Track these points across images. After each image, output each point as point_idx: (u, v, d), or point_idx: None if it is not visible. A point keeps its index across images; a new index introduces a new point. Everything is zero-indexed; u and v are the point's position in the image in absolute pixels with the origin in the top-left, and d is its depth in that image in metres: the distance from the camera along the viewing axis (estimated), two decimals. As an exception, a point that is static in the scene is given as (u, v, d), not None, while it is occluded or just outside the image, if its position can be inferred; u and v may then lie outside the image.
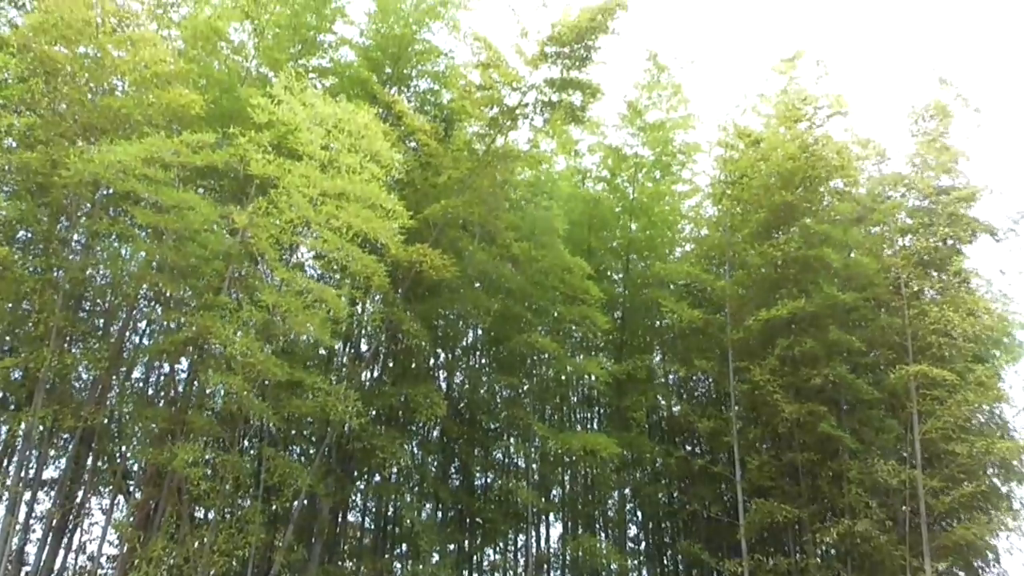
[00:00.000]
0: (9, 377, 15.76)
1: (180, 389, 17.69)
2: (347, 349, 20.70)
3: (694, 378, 24.36)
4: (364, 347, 20.88)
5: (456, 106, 20.25)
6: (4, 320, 16.09)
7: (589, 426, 24.25)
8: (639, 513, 24.37)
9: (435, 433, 22.70)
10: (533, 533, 22.30)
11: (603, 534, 23.25)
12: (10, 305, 15.85)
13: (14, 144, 15.86)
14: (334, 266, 17.73)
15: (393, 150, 15.71)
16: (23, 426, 15.32)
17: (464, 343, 23.83)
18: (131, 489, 17.84)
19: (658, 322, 24.10)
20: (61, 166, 14.48)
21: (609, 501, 24.03)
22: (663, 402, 24.43)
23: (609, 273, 23.92)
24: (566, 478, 23.69)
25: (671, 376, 24.68)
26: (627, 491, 23.83)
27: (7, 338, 16.69)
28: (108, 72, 16.05)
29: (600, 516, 23.74)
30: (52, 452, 17.27)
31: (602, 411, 24.70)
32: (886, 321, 19.86)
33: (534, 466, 21.68)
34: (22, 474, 15.33)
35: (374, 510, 21.94)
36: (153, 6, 17.93)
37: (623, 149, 23.61)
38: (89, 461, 17.32)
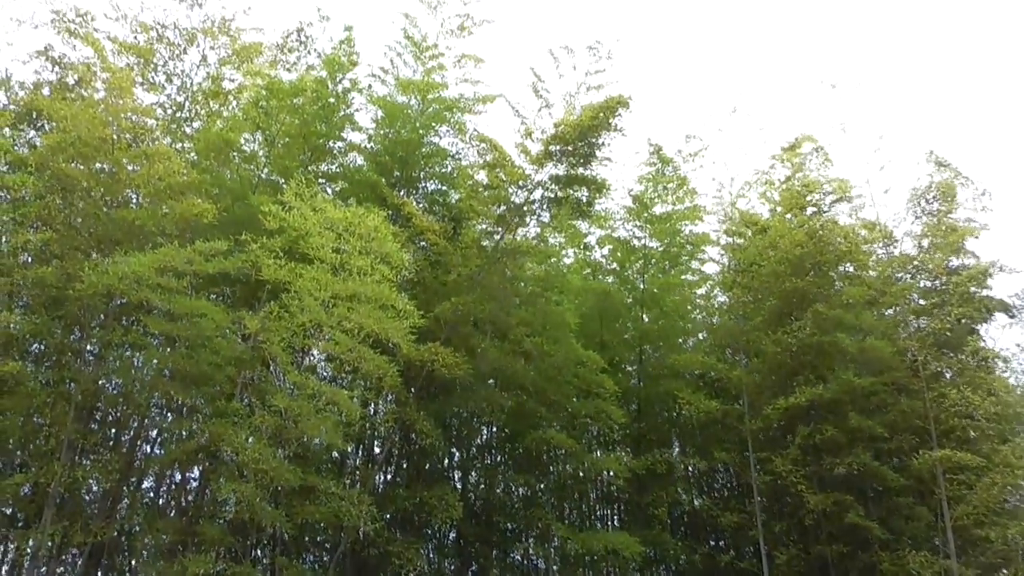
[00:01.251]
0: (19, 493, 15.55)
1: (191, 498, 17.42)
2: (360, 452, 20.42)
3: (715, 471, 23.86)
4: (377, 449, 20.60)
5: (464, 205, 20.53)
6: (15, 435, 15.97)
7: (609, 524, 23.61)
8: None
9: (451, 536, 22.12)
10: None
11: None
12: (21, 419, 15.75)
13: (30, 259, 16.09)
14: (346, 367, 17.66)
15: (403, 251, 15.88)
16: (31, 544, 15.02)
17: (479, 441, 23.49)
18: (141, 605, 17.33)
19: (675, 414, 23.77)
20: (76, 279, 14.64)
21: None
22: (684, 497, 23.85)
23: (623, 365, 23.73)
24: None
25: (691, 469, 24.14)
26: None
27: (18, 453, 16.54)
28: (123, 186, 16.41)
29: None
30: (60, 569, 16.86)
31: (622, 508, 24.09)
32: (907, 405, 19.51)
33: (554, 568, 21.02)
34: (30, 594, 14.93)
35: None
36: (167, 121, 18.51)
37: (632, 241, 23.81)
38: (99, 577, 16.91)
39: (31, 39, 18.29)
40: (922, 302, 20.62)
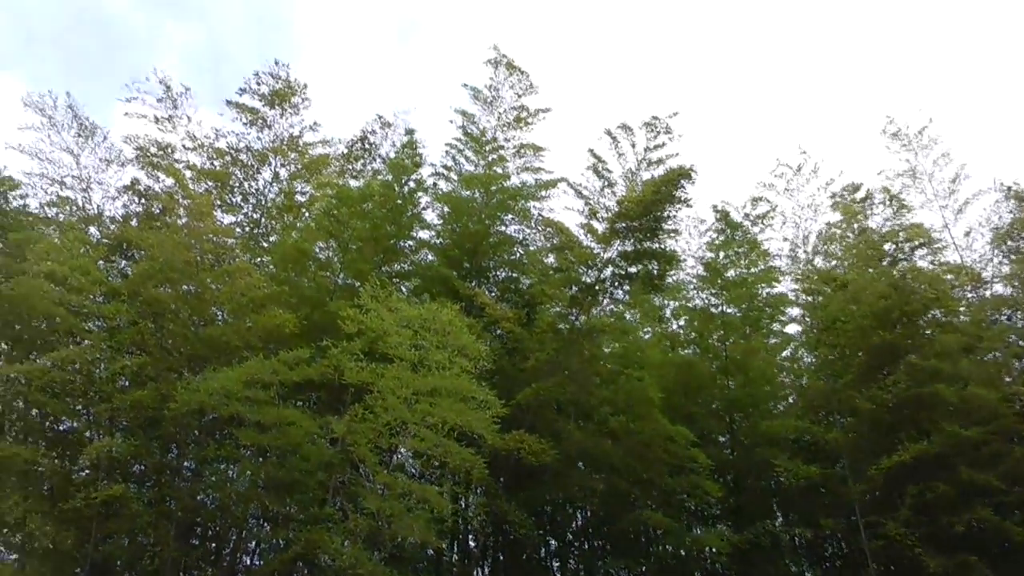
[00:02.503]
0: (127, 614, 15.86)
1: (293, 608, 17.42)
2: (455, 548, 20.21)
3: (823, 539, 22.75)
4: (472, 543, 20.36)
5: (535, 290, 20.68)
6: (123, 557, 16.39)
7: (719, 603, 22.63)
8: None
9: (556, 627, 21.53)
10: None
11: None
12: (126, 540, 16.19)
13: (127, 383, 16.78)
14: (434, 463, 17.68)
15: (479, 341, 15.98)
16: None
17: (573, 527, 22.99)
18: None
19: (773, 482, 22.90)
20: (170, 399, 15.21)
21: None
22: (793, 569, 22.73)
23: (713, 436, 23.11)
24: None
25: (797, 539, 23.09)
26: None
27: (126, 575, 16.93)
28: (208, 304, 17.14)
29: None
30: None
31: (730, 585, 23.11)
32: (1021, 453, 18.41)
33: (665, 654, 20.19)
34: None
35: None
36: (245, 238, 19.35)
37: (708, 309, 23.50)
38: None
39: (119, 176, 19.51)
40: (1022, 343, 19.67)
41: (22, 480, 16.32)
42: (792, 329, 24.04)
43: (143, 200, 19.76)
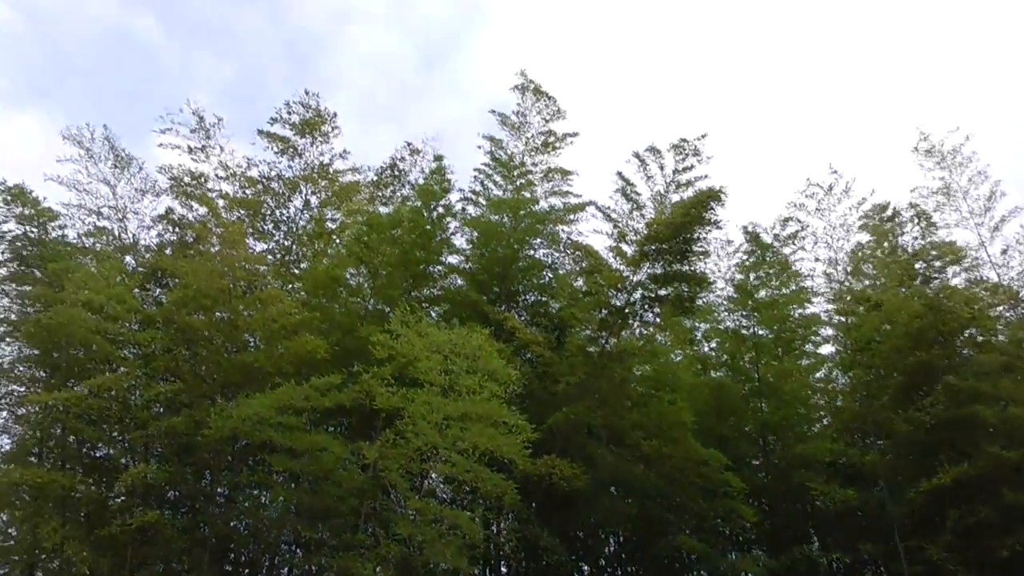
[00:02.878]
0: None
1: (325, 636, 17.38)
2: (487, 574, 20.08)
3: (862, 563, 22.29)
4: (504, 570, 20.24)
5: (565, 314, 20.65)
6: (156, 582, 16.50)
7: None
8: None
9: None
10: None
11: None
12: (161, 566, 16.30)
13: (162, 410, 16.97)
14: (465, 488, 17.64)
15: (509, 366, 15.97)
16: None
17: (607, 552, 22.76)
18: None
19: (809, 506, 22.52)
20: (203, 425, 15.35)
21: None
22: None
23: (747, 460, 22.79)
24: None
25: (835, 564, 22.63)
26: None
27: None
28: (241, 331, 17.32)
29: None
30: None
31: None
32: (1066, 476, 17.97)
33: None
34: None
35: None
36: (277, 265, 19.55)
37: (740, 331, 23.29)
38: None
39: (154, 205, 19.89)
40: (1064, 362, 19.25)
41: (60, 506, 16.54)
42: (826, 350, 23.78)
43: (177, 229, 20.08)
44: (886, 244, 22.75)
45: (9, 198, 18.28)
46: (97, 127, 19.90)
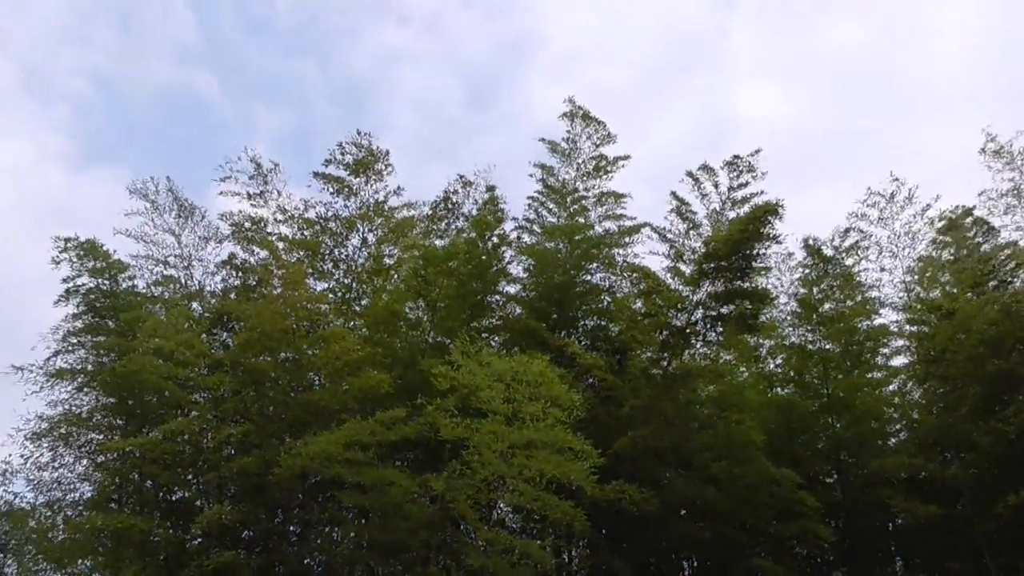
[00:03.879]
0: None
1: (403, 670, 17.36)
2: (561, 603, 19.86)
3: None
4: (577, 598, 19.97)
5: (625, 337, 20.50)
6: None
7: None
8: None
9: None
10: None
11: None
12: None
13: (233, 451, 17.29)
14: (534, 517, 17.53)
15: (571, 391, 15.87)
16: None
17: (682, 578, 22.33)
18: None
19: (890, 524, 21.78)
20: (273, 464, 15.58)
21: None
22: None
23: (821, 478, 22.23)
24: None
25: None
26: None
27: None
28: (306, 370, 17.60)
29: None
30: None
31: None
32: None
33: None
34: None
35: None
36: (338, 303, 19.85)
37: (806, 346, 22.81)
38: None
39: (217, 252, 20.49)
40: None
41: (140, 550, 16.93)
42: (898, 362, 23.08)
43: (240, 273, 20.56)
44: (956, 250, 22.07)
45: (82, 253, 18.95)
46: (161, 180, 20.55)
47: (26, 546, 19.56)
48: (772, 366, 24.33)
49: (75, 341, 18.95)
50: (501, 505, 18.30)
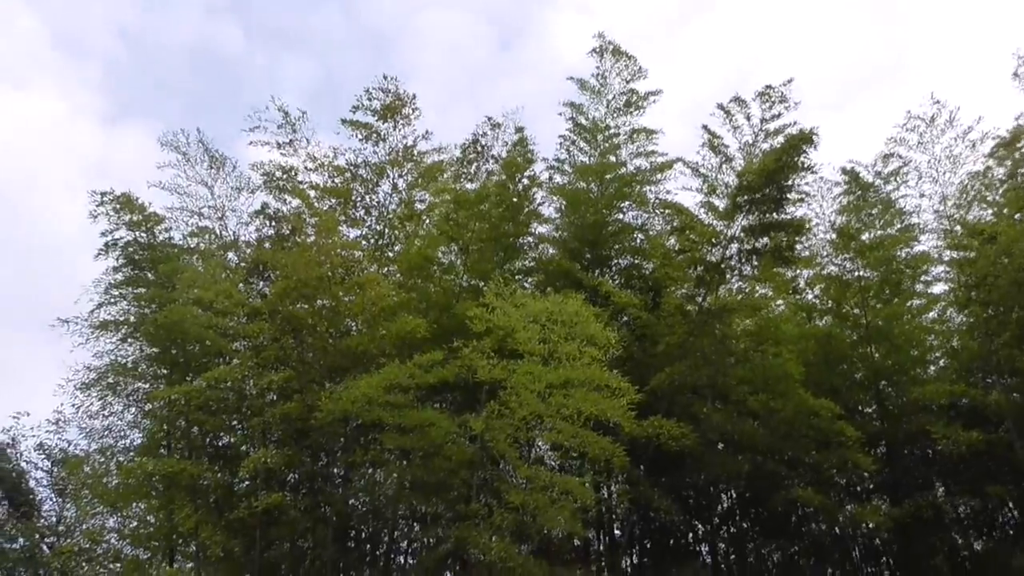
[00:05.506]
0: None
1: (449, 604, 17.88)
2: (602, 537, 20.22)
3: (993, 508, 21.40)
4: (618, 532, 20.32)
5: (660, 274, 20.43)
6: (287, 561, 17.28)
7: (881, 580, 21.70)
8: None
9: (711, 612, 21.18)
10: None
11: None
12: (288, 545, 17.04)
13: (275, 397, 17.65)
14: (572, 454, 17.75)
15: (607, 330, 15.90)
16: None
17: (720, 510, 22.55)
18: None
19: (930, 451, 21.70)
20: (315, 409, 15.89)
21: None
22: (961, 541, 21.51)
23: (860, 408, 22.12)
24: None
25: (964, 510, 21.81)
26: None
27: (291, 577, 17.83)
28: (342, 316, 17.79)
29: None
30: None
31: (892, 562, 22.08)
32: None
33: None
34: None
35: None
36: (371, 250, 19.96)
37: (843, 276, 22.48)
38: None
39: (250, 202, 20.60)
40: None
41: (191, 493, 17.47)
42: (938, 289, 22.69)
43: (273, 223, 20.68)
44: (1000, 172, 21.48)
45: (118, 206, 19.17)
46: (191, 132, 20.61)
47: (82, 491, 20.26)
48: (809, 297, 24.08)
49: (117, 293, 19.30)
50: (540, 444, 18.55)
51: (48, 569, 24.51)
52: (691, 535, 21.89)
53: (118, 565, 19.47)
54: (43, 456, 27.35)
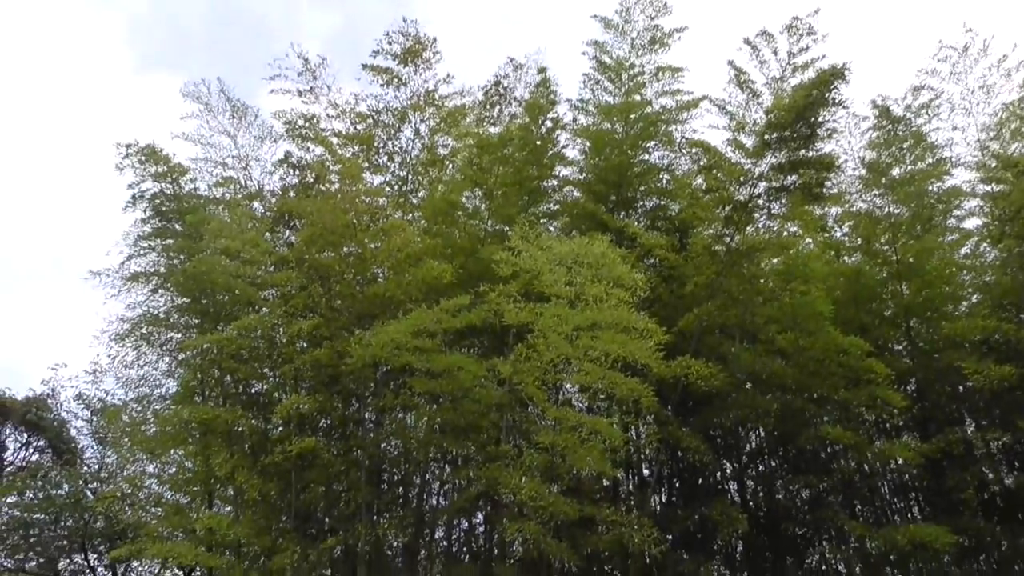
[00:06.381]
0: (332, 555, 17.13)
1: (481, 543, 18.26)
2: (631, 477, 20.44)
3: (1022, 442, 21.28)
4: (647, 472, 20.51)
5: (686, 215, 20.23)
6: (321, 504, 17.68)
7: (909, 515, 21.78)
8: (997, 608, 21.12)
9: (740, 548, 21.45)
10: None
11: (959, 638, 20.26)
12: (323, 488, 17.41)
13: (305, 345, 17.86)
14: (600, 396, 17.85)
15: (633, 271, 15.83)
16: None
17: (748, 448, 22.66)
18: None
19: (961, 387, 21.54)
20: (345, 355, 16.07)
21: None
22: (991, 476, 21.46)
23: (890, 345, 21.96)
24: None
25: (995, 445, 21.71)
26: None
27: (325, 520, 18.27)
28: (369, 263, 17.87)
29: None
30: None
31: (921, 497, 22.14)
32: None
33: (857, 570, 19.66)
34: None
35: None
36: (396, 196, 19.94)
37: (873, 212, 22.13)
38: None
39: (273, 151, 20.55)
40: None
41: (226, 439, 17.84)
42: (971, 224, 22.28)
43: (297, 171, 20.70)
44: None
45: (143, 158, 19.22)
46: (212, 82, 20.53)
47: (122, 439, 20.77)
48: (838, 235, 23.78)
49: (146, 245, 19.50)
50: (567, 386, 18.66)
51: (93, 514, 25.34)
52: (719, 474, 22.05)
53: (159, 510, 20.04)
54: (82, 406, 28.10)
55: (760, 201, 18.61)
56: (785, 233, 20.42)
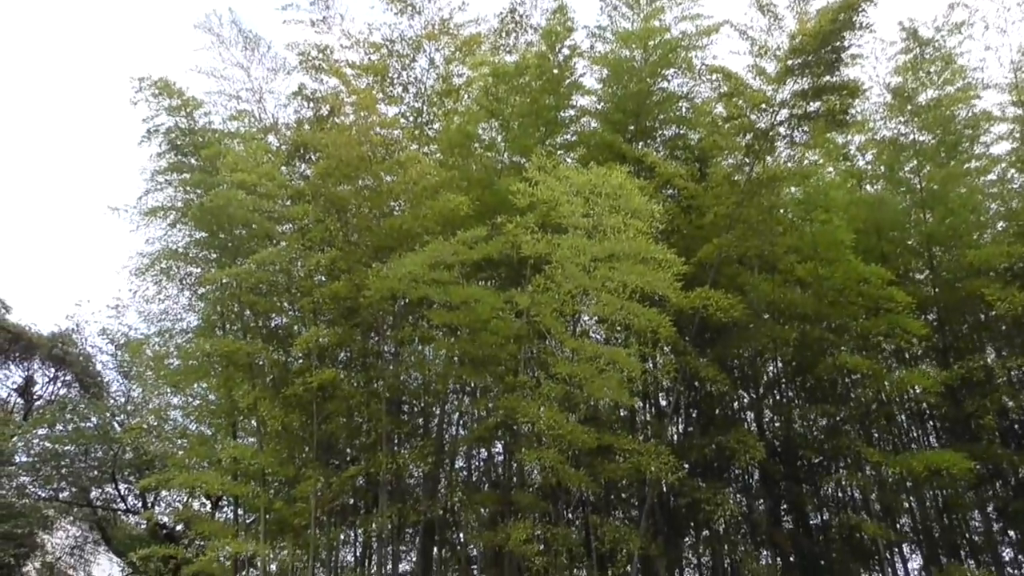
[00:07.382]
0: (355, 484, 17.50)
1: (500, 471, 18.57)
2: (648, 406, 20.59)
3: (1044, 369, 21.15)
4: (664, 402, 20.66)
5: (707, 144, 19.89)
6: (343, 433, 17.98)
7: (926, 443, 21.89)
8: (1011, 533, 21.35)
9: (756, 476, 21.71)
10: (889, 570, 20.24)
11: (971, 561, 20.55)
12: (344, 419, 17.69)
13: (323, 278, 17.93)
14: (618, 327, 17.85)
15: (652, 201, 15.64)
16: (374, 527, 16.85)
17: (766, 378, 22.72)
18: (477, 573, 18.84)
19: (983, 315, 21.35)
20: (363, 288, 16.13)
21: (971, 523, 21.43)
22: (1011, 403, 21.42)
23: (912, 274, 21.72)
24: (913, 504, 21.46)
25: (1014, 372, 21.60)
26: (991, 510, 21.08)
27: (348, 450, 18.61)
28: (385, 196, 17.80)
29: (963, 542, 21.14)
30: (403, 547, 18.76)
31: (938, 425, 22.23)
32: None
33: (873, 496, 19.85)
34: (382, 570, 16.78)
35: (710, 564, 21.28)
36: (411, 128, 19.72)
37: (898, 139, 21.65)
38: (435, 551, 18.59)
39: (287, 83, 20.26)
40: None
41: (248, 372, 18.08)
42: (999, 149, 21.74)
43: (311, 103, 20.44)
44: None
45: (157, 91, 19.06)
46: (224, 13, 20.17)
47: (146, 372, 21.13)
48: (861, 163, 23.35)
49: (162, 180, 19.49)
50: (585, 317, 18.68)
51: (121, 445, 25.96)
52: (736, 404, 22.18)
53: (184, 441, 20.48)
54: (107, 340, 28.54)
55: (782, 129, 18.24)
56: (806, 162, 20.06)
